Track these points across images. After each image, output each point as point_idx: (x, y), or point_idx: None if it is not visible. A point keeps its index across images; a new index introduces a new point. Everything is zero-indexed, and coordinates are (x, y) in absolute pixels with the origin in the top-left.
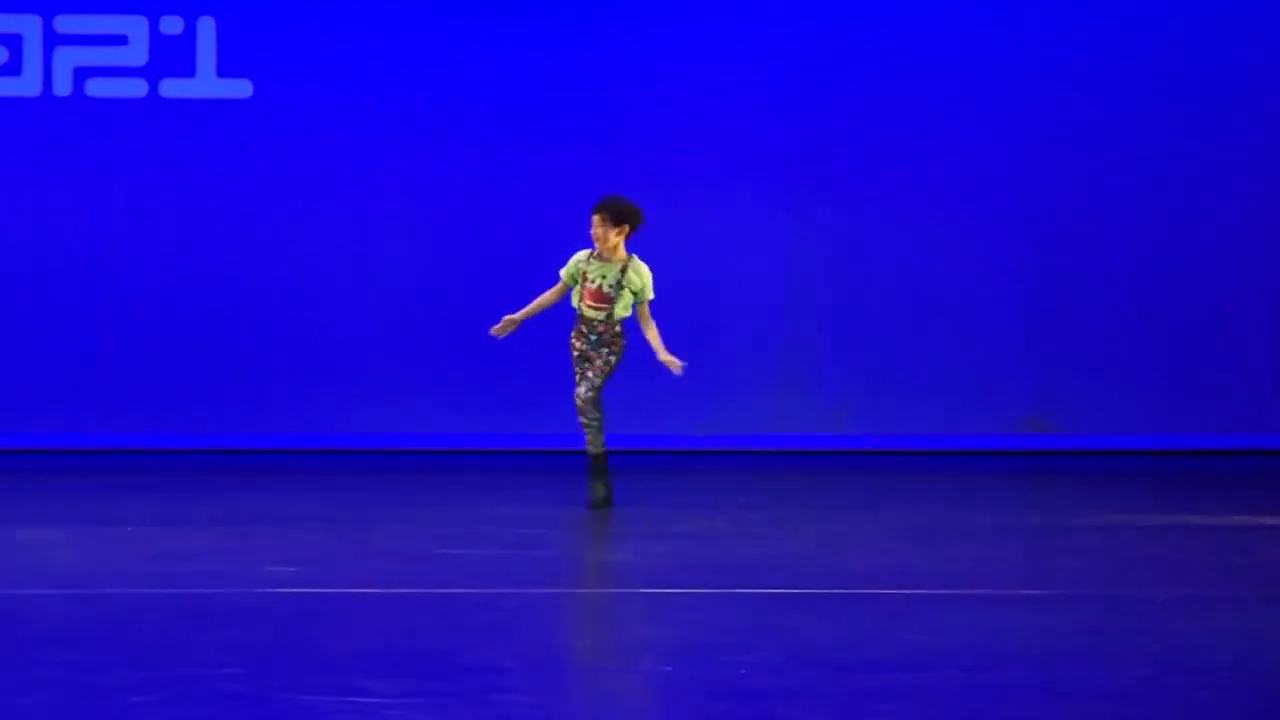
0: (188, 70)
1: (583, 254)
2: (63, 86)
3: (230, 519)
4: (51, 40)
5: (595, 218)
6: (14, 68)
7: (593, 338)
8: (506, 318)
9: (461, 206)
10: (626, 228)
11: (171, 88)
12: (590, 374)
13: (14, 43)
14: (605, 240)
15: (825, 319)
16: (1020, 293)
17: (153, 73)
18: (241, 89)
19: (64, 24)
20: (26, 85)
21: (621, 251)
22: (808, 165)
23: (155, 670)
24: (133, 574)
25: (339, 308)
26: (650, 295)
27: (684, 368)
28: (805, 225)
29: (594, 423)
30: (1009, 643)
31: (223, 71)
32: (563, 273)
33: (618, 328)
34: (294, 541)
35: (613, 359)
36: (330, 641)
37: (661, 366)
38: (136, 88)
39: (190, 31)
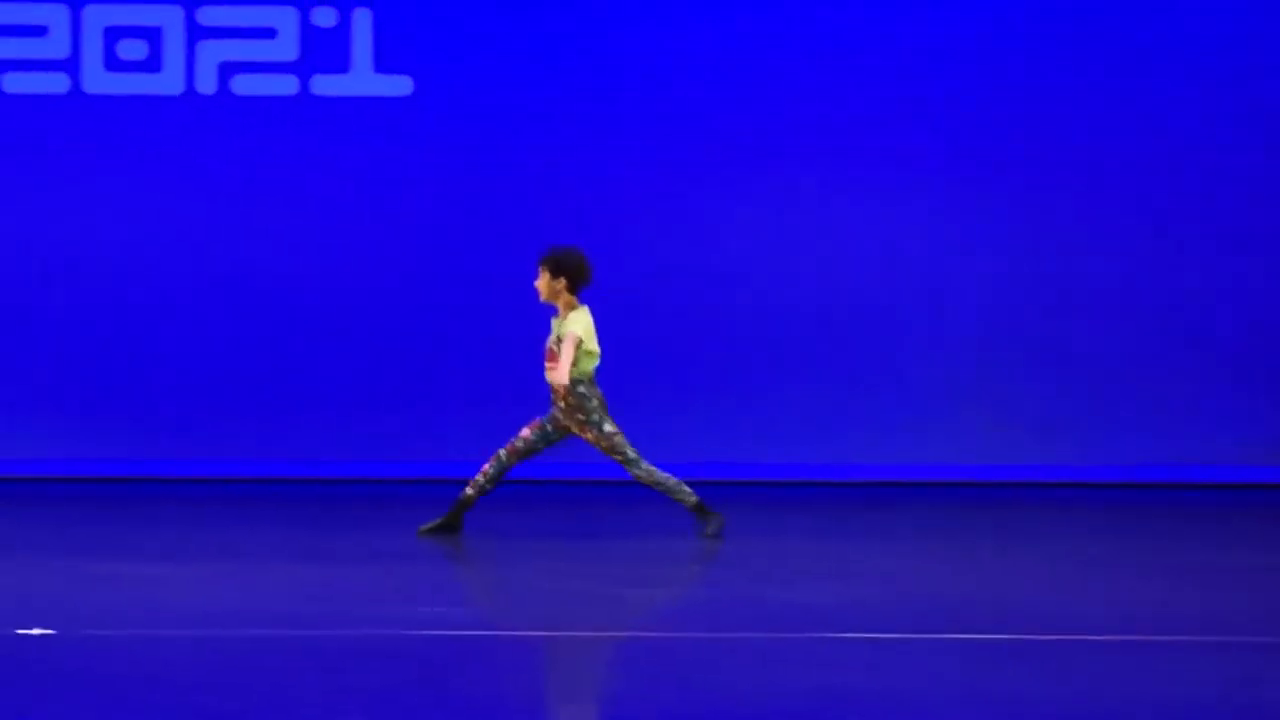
0: (342, 66)
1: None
2: (207, 84)
3: (362, 554)
4: (195, 34)
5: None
6: (154, 64)
7: (561, 405)
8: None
9: (637, 203)
10: (564, 280)
11: (324, 85)
12: (615, 454)
13: (154, 36)
14: (542, 293)
15: (1025, 341)
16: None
17: (304, 69)
18: (401, 86)
19: (208, 16)
20: (168, 83)
21: (566, 305)
22: (995, 176)
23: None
24: (269, 614)
25: (504, 317)
26: (564, 348)
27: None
28: (995, 239)
29: (663, 481)
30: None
31: (380, 67)
32: None
33: (582, 388)
34: (439, 577)
35: (593, 421)
36: (489, 689)
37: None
38: (286, 85)
39: (345, 24)
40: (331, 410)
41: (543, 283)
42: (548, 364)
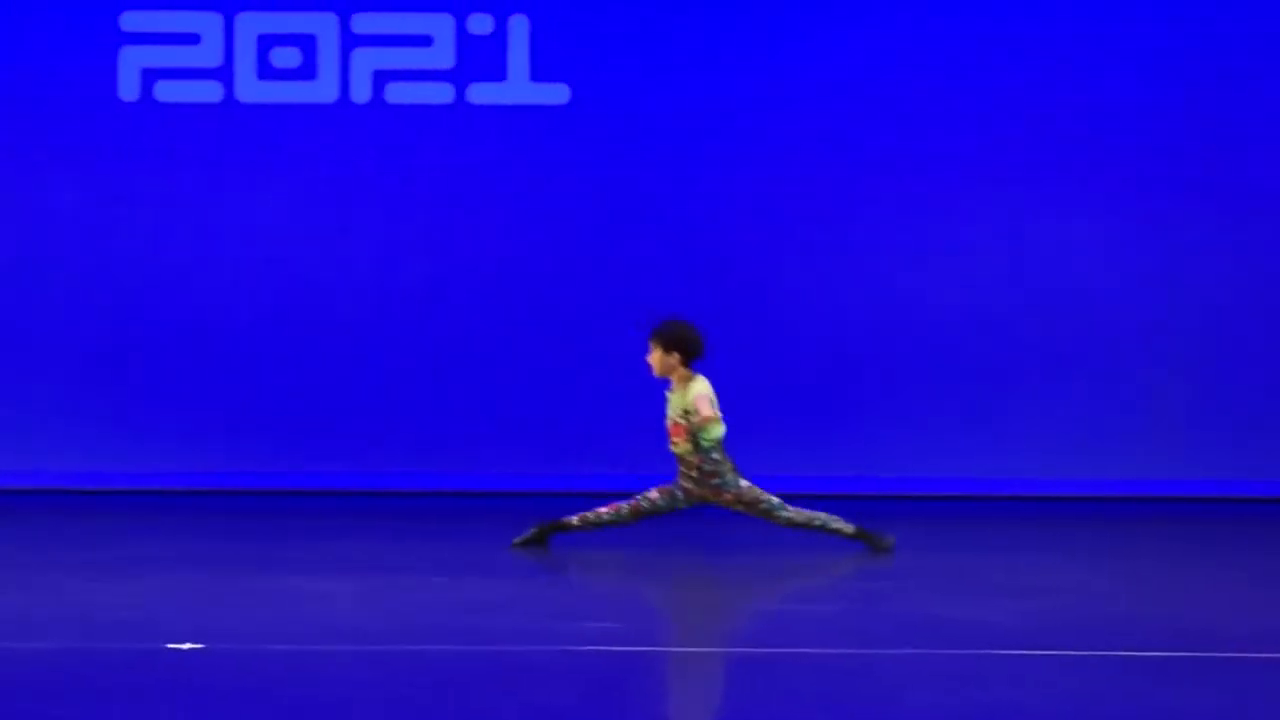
0: (498, 74)
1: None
2: (361, 92)
3: (526, 567)
4: (349, 41)
5: (650, 344)
6: (308, 71)
7: (693, 475)
8: None
9: (803, 203)
10: (677, 355)
11: (480, 93)
12: (760, 506)
13: (308, 44)
14: (656, 367)
15: (1203, 346)
16: None
17: (460, 77)
18: (558, 94)
19: (362, 23)
20: (322, 91)
21: (681, 378)
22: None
23: None
24: (427, 628)
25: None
26: (702, 412)
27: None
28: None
29: (813, 519)
30: None
31: (537, 75)
32: None
33: (715, 459)
34: (605, 592)
35: (729, 483)
36: (665, 706)
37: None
38: (442, 93)
39: (501, 31)
40: (488, 424)
41: (655, 358)
42: (673, 438)
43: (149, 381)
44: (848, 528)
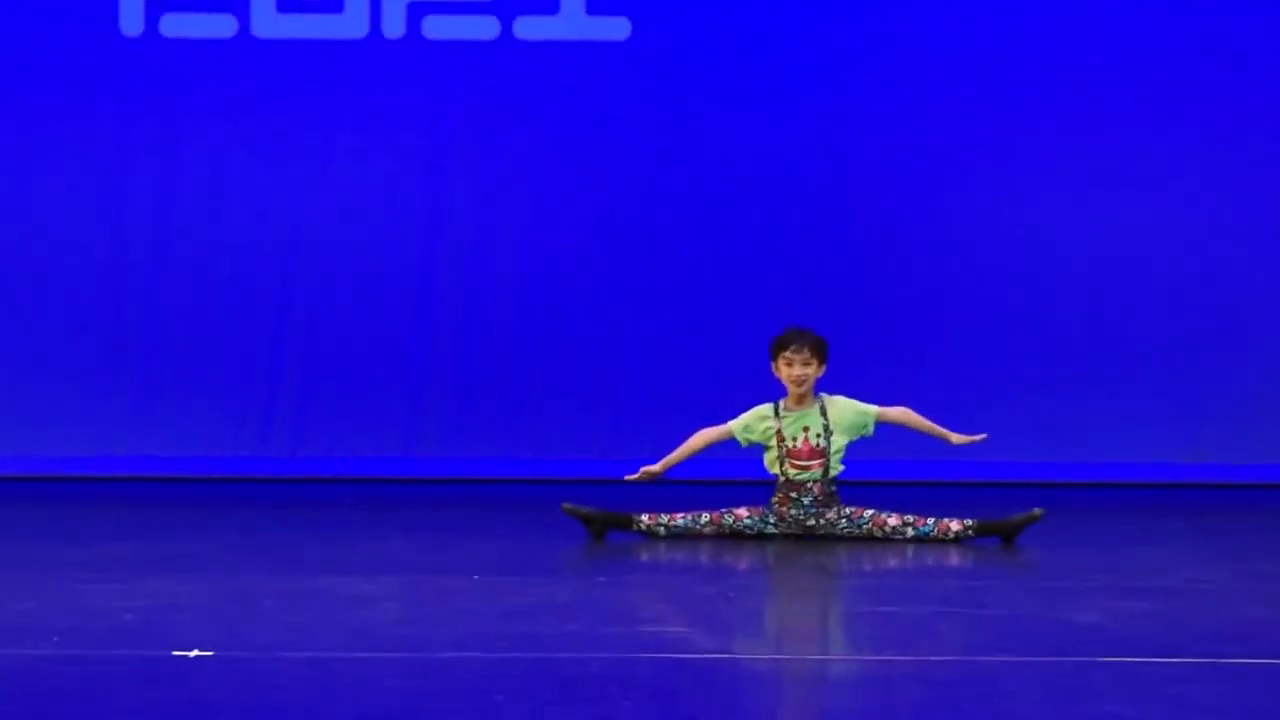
0: (550, 6)
1: (765, 408)
2: (394, 27)
3: (582, 565)
4: None
5: (797, 355)
6: (336, 4)
7: (805, 501)
8: (645, 469)
9: (862, 167)
10: (824, 367)
11: (529, 28)
12: (882, 530)
13: None
14: (808, 381)
15: None
16: None
17: (506, 9)
18: (617, 29)
19: None
20: (351, 26)
21: (811, 394)
22: None
23: None
24: (473, 635)
25: (728, 288)
26: (871, 408)
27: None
28: None
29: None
30: None
31: (593, 8)
32: (735, 426)
33: (833, 487)
34: (669, 593)
35: (844, 509)
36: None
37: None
38: (486, 28)
39: None
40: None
41: (812, 370)
42: (808, 460)
43: (152, 351)
44: (969, 527)
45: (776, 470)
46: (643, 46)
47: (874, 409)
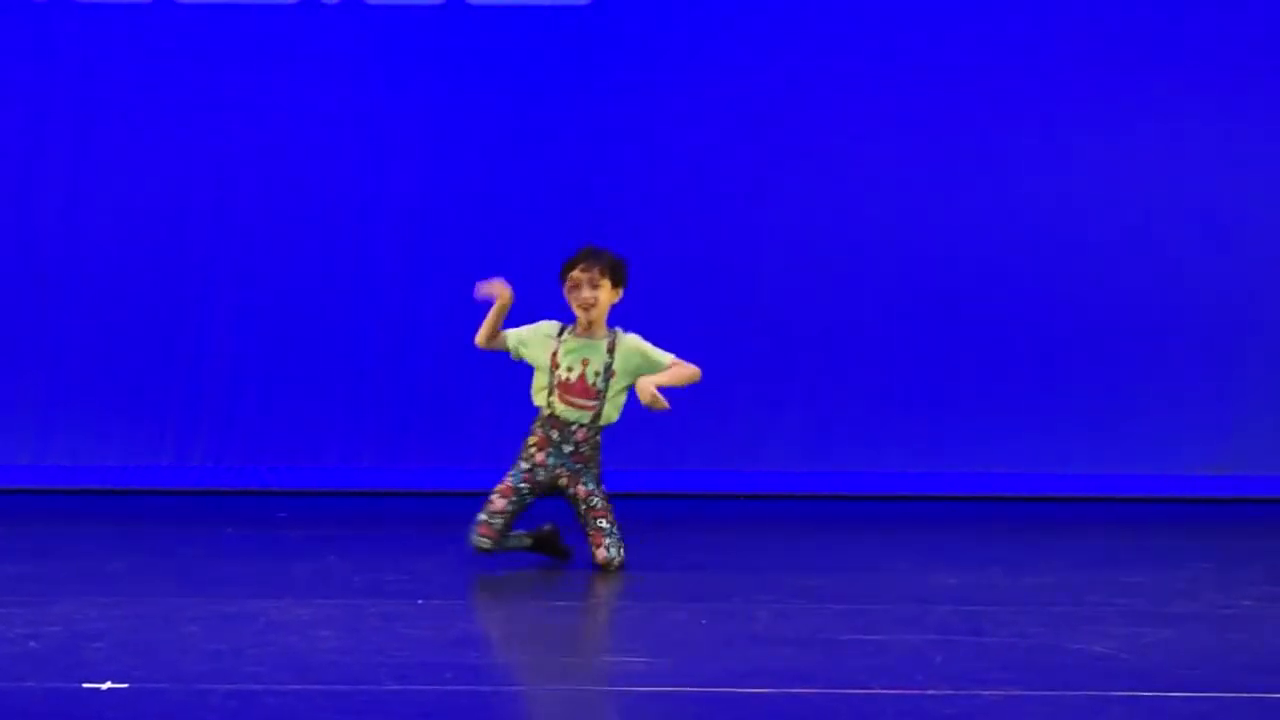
0: None
1: (551, 326)
2: None
3: (538, 589)
4: None
5: (584, 274)
6: None
7: (567, 449)
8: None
9: (844, 122)
10: (621, 291)
11: None
12: (606, 537)
13: None
14: (598, 305)
15: None
16: None
17: None
18: None
19: None
20: None
21: (604, 324)
22: None
23: None
24: (418, 666)
25: (688, 262)
26: (665, 358)
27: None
28: None
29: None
30: None
31: None
32: (512, 332)
33: (599, 437)
34: (630, 620)
35: (601, 490)
36: None
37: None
38: None
39: None
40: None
41: (604, 294)
42: (575, 399)
43: (62, 346)
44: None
45: (542, 401)
46: (605, 14)
47: (669, 358)
